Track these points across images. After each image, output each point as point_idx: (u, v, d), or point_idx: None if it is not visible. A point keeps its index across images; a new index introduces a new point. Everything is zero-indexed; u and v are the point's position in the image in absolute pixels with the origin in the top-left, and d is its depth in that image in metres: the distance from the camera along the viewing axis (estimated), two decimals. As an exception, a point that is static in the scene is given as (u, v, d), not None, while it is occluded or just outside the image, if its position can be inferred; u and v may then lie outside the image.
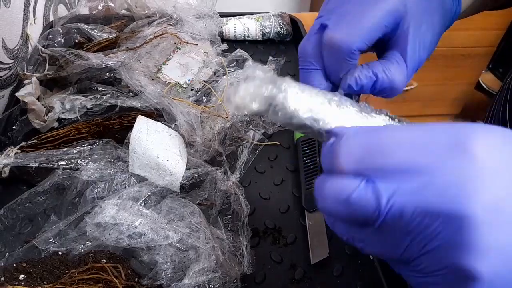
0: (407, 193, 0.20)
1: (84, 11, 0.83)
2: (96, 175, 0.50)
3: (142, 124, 0.52)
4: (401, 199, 0.20)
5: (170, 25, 0.69)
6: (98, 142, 0.53)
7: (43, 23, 0.81)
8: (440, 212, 0.19)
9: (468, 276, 0.19)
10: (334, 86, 0.35)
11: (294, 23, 0.84)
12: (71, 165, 0.52)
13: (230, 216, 0.50)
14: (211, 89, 0.64)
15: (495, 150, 0.19)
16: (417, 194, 0.20)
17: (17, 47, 0.70)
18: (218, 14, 0.77)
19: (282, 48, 0.82)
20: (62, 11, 0.90)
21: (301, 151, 0.59)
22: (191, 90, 0.66)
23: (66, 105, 0.61)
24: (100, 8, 0.78)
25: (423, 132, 0.21)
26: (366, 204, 0.21)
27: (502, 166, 0.19)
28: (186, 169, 0.52)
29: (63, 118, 0.61)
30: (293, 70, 0.76)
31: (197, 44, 0.69)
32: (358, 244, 0.24)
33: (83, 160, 0.52)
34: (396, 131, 0.22)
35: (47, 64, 0.64)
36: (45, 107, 0.59)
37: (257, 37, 0.81)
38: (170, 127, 0.55)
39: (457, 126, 0.20)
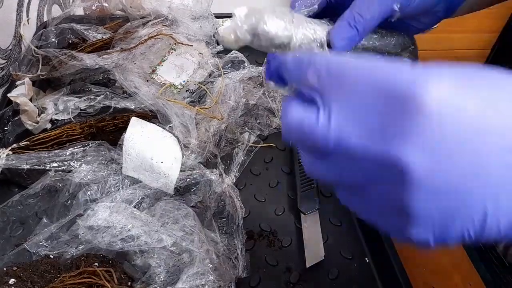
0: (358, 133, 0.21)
1: (79, 11, 0.83)
2: (89, 177, 0.49)
3: (136, 126, 0.52)
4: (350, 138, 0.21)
5: (165, 26, 0.69)
6: (91, 143, 0.52)
7: (37, 23, 0.80)
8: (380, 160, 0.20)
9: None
10: None
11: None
12: (63, 167, 0.51)
13: (224, 219, 0.50)
14: (206, 90, 0.64)
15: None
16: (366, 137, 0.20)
17: (10, 47, 0.69)
18: (214, 15, 0.76)
19: (277, 50, 0.81)
20: (56, 11, 0.89)
21: (296, 153, 0.59)
22: (186, 92, 0.65)
23: (59, 106, 0.60)
24: (94, 8, 0.78)
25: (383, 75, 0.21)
26: (317, 134, 0.22)
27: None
28: (181, 171, 0.52)
29: (56, 119, 0.61)
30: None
31: (192, 45, 0.68)
32: (320, 178, 0.25)
33: (76, 162, 0.51)
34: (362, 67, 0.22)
35: (40, 65, 0.63)
36: (37, 108, 0.59)
37: (252, 39, 0.81)
38: (164, 128, 0.55)
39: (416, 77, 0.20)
